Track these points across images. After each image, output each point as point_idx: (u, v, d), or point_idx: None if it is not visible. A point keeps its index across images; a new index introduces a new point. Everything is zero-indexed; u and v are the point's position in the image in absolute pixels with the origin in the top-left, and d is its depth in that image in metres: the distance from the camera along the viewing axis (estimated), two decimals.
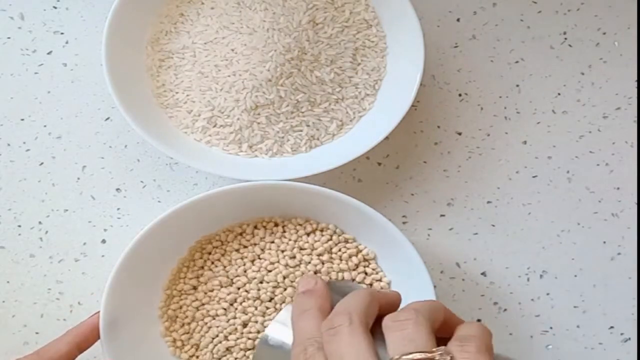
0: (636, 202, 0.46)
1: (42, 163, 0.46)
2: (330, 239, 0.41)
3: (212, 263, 0.41)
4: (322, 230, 0.41)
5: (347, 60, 0.44)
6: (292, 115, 0.43)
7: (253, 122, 0.42)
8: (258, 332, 0.39)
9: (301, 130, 0.43)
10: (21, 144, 0.46)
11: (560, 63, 0.48)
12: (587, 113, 0.47)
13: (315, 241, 0.41)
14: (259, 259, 0.41)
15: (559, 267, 0.45)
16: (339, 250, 0.41)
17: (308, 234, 0.41)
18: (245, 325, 0.40)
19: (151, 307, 0.41)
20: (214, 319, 0.40)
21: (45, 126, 0.46)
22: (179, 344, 0.41)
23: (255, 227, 0.42)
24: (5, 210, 0.45)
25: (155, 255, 0.39)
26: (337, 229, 0.41)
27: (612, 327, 0.45)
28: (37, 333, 0.43)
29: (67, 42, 0.47)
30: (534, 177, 0.46)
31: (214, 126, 0.43)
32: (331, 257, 0.41)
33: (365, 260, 0.41)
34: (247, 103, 0.42)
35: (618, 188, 0.46)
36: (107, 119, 0.46)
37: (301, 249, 0.41)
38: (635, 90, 0.47)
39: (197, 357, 0.40)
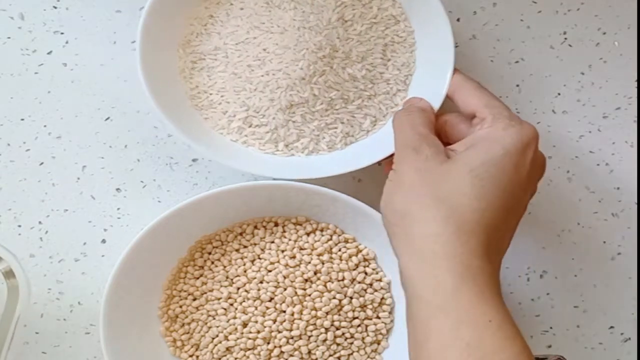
0: (636, 202, 0.46)
1: (42, 163, 0.46)
2: (330, 239, 0.41)
3: (212, 263, 0.41)
4: (322, 230, 0.41)
5: (378, 56, 0.44)
6: (327, 112, 0.43)
7: (288, 121, 0.43)
8: (258, 332, 0.39)
9: (336, 128, 0.43)
10: (21, 144, 0.46)
11: (560, 63, 0.48)
12: (587, 113, 0.47)
13: (315, 241, 0.41)
14: (259, 259, 0.41)
15: (559, 267, 0.45)
16: (339, 250, 0.41)
17: (308, 234, 0.41)
18: (245, 325, 0.40)
19: (151, 307, 0.41)
20: (214, 318, 0.40)
21: (45, 126, 0.46)
22: (179, 344, 0.41)
23: (255, 227, 0.42)
24: (5, 210, 0.45)
25: (155, 255, 0.39)
26: (337, 229, 0.41)
27: (612, 327, 0.45)
28: (37, 333, 0.43)
29: (67, 42, 0.47)
30: None
31: (250, 126, 0.43)
32: (331, 257, 0.41)
33: (365, 260, 0.41)
34: (282, 102, 0.42)
35: (618, 188, 0.46)
36: (107, 119, 0.46)
37: (301, 248, 0.41)
38: (635, 90, 0.47)
39: (197, 357, 0.40)
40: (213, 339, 0.40)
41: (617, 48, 0.48)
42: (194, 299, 0.41)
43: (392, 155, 0.39)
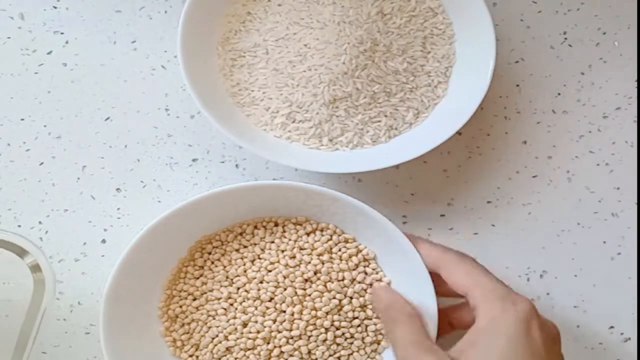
0: (636, 202, 0.46)
1: (42, 163, 0.46)
2: (330, 239, 0.41)
3: (212, 263, 0.41)
4: (322, 230, 0.41)
5: (418, 49, 0.44)
6: (370, 106, 0.43)
7: (332, 116, 0.43)
8: (258, 332, 0.39)
9: (380, 121, 0.44)
10: (21, 143, 0.46)
11: (560, 63, 0.48)
12: (587, 113, 0.47)
13: (315, 241, 0.41)
14: (259, 259, 0.41)
15: (559, 267, 0.45)
16: (339, 250, 0.41)
17: (308, 234, 0.41)
18: (245, 325, 0.40)
19: (151, 307, 0.41)
20: (213, 318, 0.40)
21: (45, 126, 0.46)
22: (179, 344, 0.41)
23: (256, 227, 0.42)
24: (5, 210, 0.45)
25: (155, 255, 0.39)
26: (337, 229, 0.41)
27: (612, 327, 0.45)
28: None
29: (67, 42, 0.47)
30: (534, 177, 0.46)
31: (293, 122, 0.44)
32: (331, 257, 0.41)
33: (365, 260, 0.41)
34: (325, 97, 0.42)
35: (618, 188, 0.46)
36: (107, 119, 0.46)
37: (301, 248, 0.41)
38: (635, 90, 0.47)
39: (197, 357, 0.40)
40: (213, 339, 0.40)
41: (617, 48, 0.48)
42: (194, 299, 0.41)
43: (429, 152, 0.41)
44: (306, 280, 0.40)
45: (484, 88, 0.42)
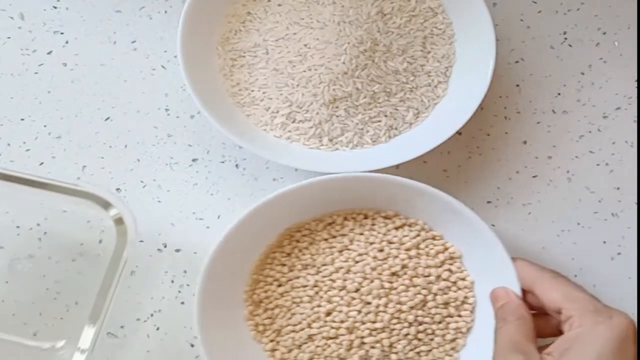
0: (636, 202, 0.46)
1: (42, 163, 0.46)
2: (419, 235, 0.41)
3: (300, 251, 0.42)
4: (410, 226, 0.42)
5: (418, 49, 0.44)
6: (370, 106, 0.43)
7: (332, 116, 0.43)
8: (342, 321, 0.40)
9: (380, 121, 0.44)
10: (21, 143, 0.46)
11: (560, 63, 0.48)
12: (587, 113, 0.47)
13: (404, 236, 0.41)
14: (347, 249, 0.41)
15: (559, 267, 0.45)
16: (427, 246, 0.41)
17: (397, 228, 0.42)
18: (329, 314, 0.40)
19: (237, 291, 0.41)
20: (298, 306, 0.41)
21: (45, 126, 0.46)
22: (260, 328, 0.41)
23: (345, 219, 0.42)
24: (5, 211, 0.45)
25: (246, 240, 0.40)
26: (425, 225, 0.42)
27: None
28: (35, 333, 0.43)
29: (67, 42, 0.47)
30: (534, 177, 0.46)
31: (293, 122, 0.44)
32: (418, 253, 0.41)
33: (451, 258, 0.41)
34: (325, 97, 0.43)
35: (618, 188, 0.46)
36: (107, 119, 0.46)
37: (390, 242, 0.41)
38: (635, 90, 0.47)
39: (278, 342, 0.41)
40: (295, 325, 0.40)
41: (617, 48, 0.48)
42: (279, 285, 0.41)
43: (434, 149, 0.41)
44: (393, 274, 0.40)
45: (484, 88, 0.42)
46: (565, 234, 0.45)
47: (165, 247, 0.44)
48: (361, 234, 0.42)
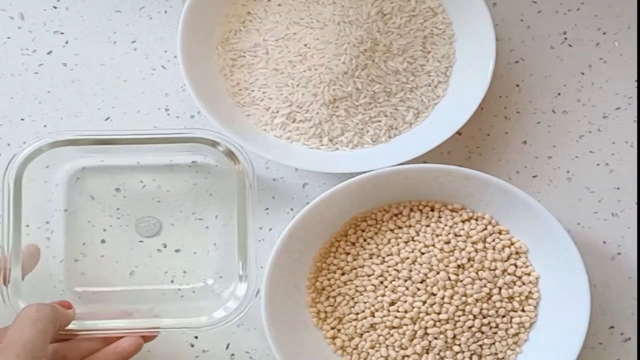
0: (636, 202, 0.46)
1: None
2: (485, 229, 0.42)
3: (365, 240, 0.42)
4: (477, 220, 0.42)
5: (418, 49, 0.44)
6: (370, 106, 0.43)
7: (332, 116, 0.43)
8: (406, 311, 0.40)
9: (380, 121, 0.44)
10: (21, 143, 0.46)
11: (560, 63, 0.48)
12: (587, 113, 0.47)
13: (471, 229, 0.42)
14: (413, 240, 0.42)
15: None
16: (493, 240, 0.42)
17: (464, 222, 0.42)
18: (392, 303, 0.40)
19: (301, 278, 0.42)
20: (361, 294, 0.41)
21: (45, 126, 0.46)
22: (322, 315, 0.42)
23: (412, 210, 0.43)
24: (5, 210, 0.45)
25: (313, 228, 0.41)
26: (492, 219, 0.42)
27: (612, 327, 0.45)
28: None
29: (67, 42, 0.47)
30: (534, 177, 0.46)
31: (294, 122, 0.44)
32: (485, 247, 0.41)
33: (517, 253, 0.42)
34: (326, 97, 0.43)
35: (618, 188, 0.46)
36: (107, 119, 0.46)
37: (456, 235, 0.42)
38: (635, 90, 0.47)
39: (339, 330, 0.41)
40: (358, 314, 0.41)
41: (617, 48, 0.48)
42: (343, 274, 0.42)
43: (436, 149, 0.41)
44: (459, 267, 0.41)
45: (484, 88, 0.42)
46: None
47: (165, 247, 0.44)
48: (428, 225, 0.42)
